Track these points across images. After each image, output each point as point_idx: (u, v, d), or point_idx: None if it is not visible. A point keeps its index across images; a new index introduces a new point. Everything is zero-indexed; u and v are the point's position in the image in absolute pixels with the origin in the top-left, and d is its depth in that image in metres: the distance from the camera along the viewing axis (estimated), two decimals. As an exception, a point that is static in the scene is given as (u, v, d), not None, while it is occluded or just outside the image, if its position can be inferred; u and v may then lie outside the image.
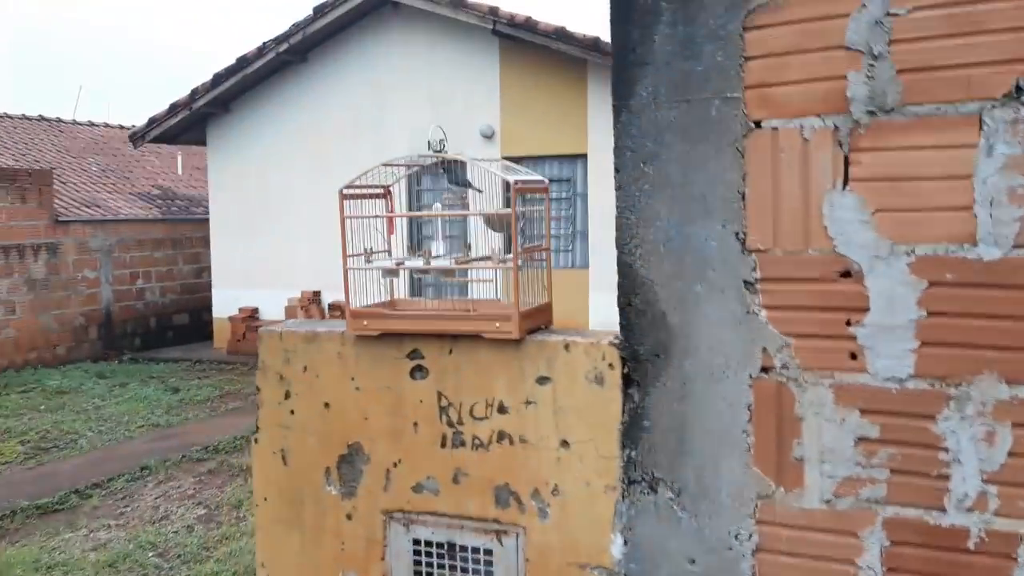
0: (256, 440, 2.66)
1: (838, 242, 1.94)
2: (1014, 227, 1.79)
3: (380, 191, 2.53)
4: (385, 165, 2.42)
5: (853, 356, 1.96)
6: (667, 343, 2.12)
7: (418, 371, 2.42)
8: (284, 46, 12.59)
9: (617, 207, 2.15)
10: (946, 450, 1.89)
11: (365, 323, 2.42)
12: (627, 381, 2.19)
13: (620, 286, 2.16)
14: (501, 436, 2.32)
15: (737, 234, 2.03)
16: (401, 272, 2.51)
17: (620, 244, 2.15)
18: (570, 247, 12.26)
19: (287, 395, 2.60)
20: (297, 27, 12.52)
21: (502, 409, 2.32)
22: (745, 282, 2.04)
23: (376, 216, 2.45)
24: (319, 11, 12.38)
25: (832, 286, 1.96)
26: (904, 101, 1.87)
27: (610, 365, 2.18)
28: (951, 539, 1.90)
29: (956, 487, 1.88)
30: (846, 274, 1.95)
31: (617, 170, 2.14)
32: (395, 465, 2.47)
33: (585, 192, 11.99)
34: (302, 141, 13.24)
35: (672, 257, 2.10)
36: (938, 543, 1.91)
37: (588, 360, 2.20)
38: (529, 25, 11.20)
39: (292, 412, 2.59)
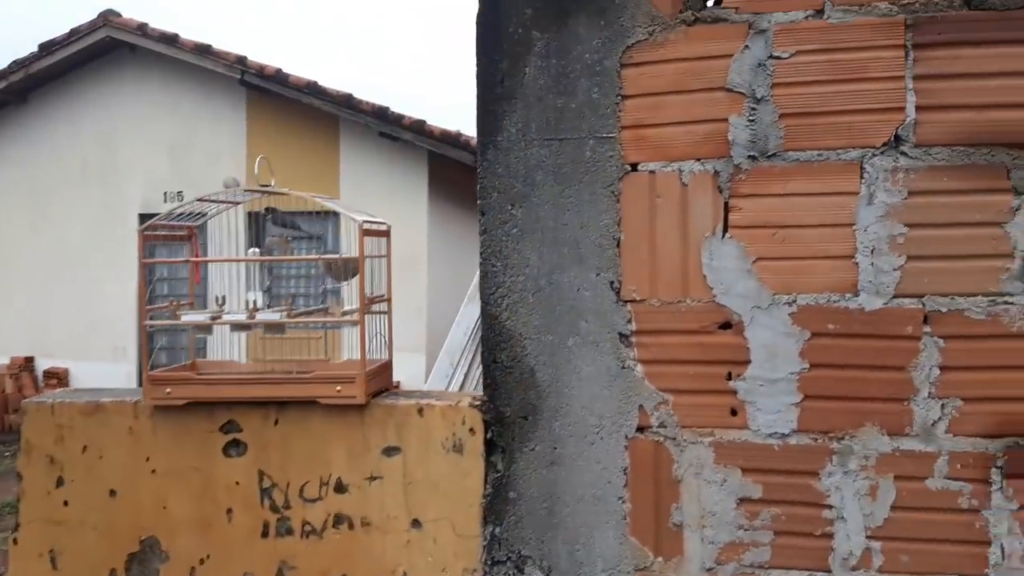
0: (15, 540, 2.14)
1: (717, 292, 1.86)
2: (894, 276, 1.78)
3: (184, 232, 2.14)
4: (201, 200, 2.04)
5: (733, 412, 1.87)
6: (536, 403, 1.92)
7: (234, 447, 2.06)
8: (2, 84, 11.28)
9: (481, 253, 1.95)
10: (830, 507, 1.84)
11: (168, 391, 2.03)
12: (490, 447, 1.95)
13: (485, 341, 1.94)
14: (339, 520, 2.01)
15: (612, 283, 1.89)
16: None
17: (485, 294, 1.94)
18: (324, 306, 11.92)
19: (59, 482, 2.12)
20: (18, 64, 11.30)
21: (340, 488, 2.01)
22: (620, 334, 1.88)
23: (185, 261, 2.06)
24: (45, 48, 11.28)
25: (711, 338, 1.87)
26: (786, 146, 1.84)
27: (471, 430, 1.95)
28: (837, 601, 1.80)
29: (840, 545, 1.83)
30: (726, 325, 1.86)
31: (482, 212, 1.95)
32: (202, 562, 2.08)
33: (337, 250, 11.70)
34: (16, 190, 11.90)
35: (542, 308, 1.92)
36: (824, 606, 1.81)
37: (445, 425, 1.96)
38: (279, 78, 10.83)
39: (66, 503, 2.12)
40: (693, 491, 1.90)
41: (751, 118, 1.87)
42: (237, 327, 2.06)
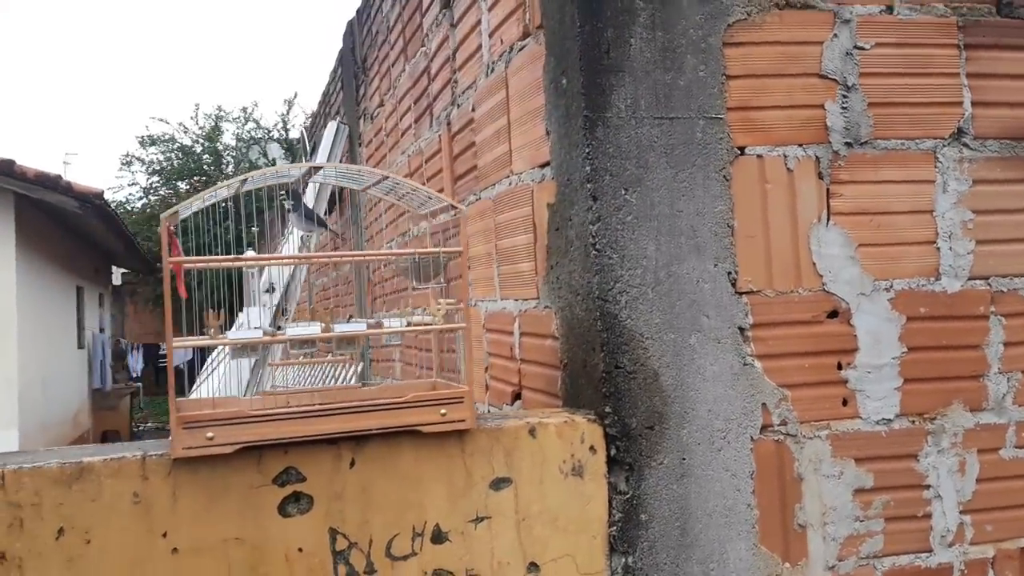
0: None
1: (827, 280, 2.06)
2: (968, 259, 2.13)
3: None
4: (242, 182, 1.70)
5: (845, 402, 2.07)
6: (662, 410, 1.94)
7: (293, 502, 1.75)
8: None
9: (596, 245, 1.92)
10: (928, 487, 2.09)
11: (210, 436, 1.66)
12: (611, 466, 1.90)
13: (605, 344, 1.92)
14: (438, 576, 1.80)
15: (729, 274, 1.98)
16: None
17: (603, 291, 1.91)
18: None
19: (12, 588, 1.63)
20: None
21: (438, 537, 1.82)
22: (739, 328, 1.98)
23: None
24: None
25: (822, 327, 2.07)
26: (875, 134, 2.08)
27: (591, 448, 1.90)
28: (938, 579, 2.09)
29: (937, 523, 2.11)
30: (833, 314, 2.04)
31: (594, 198, 1.92)
32: (248, 663, 1.72)
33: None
34: None
35: (662, 303, 1.95)
36: (929, 587, 2.08)
37: (563, 446, 1.88)
38: None
39: (27, 616, 1.62)
40: (814, 488, 2.05)
41: (844, 105, 2.11)
42: (301, 345, 1.73)
